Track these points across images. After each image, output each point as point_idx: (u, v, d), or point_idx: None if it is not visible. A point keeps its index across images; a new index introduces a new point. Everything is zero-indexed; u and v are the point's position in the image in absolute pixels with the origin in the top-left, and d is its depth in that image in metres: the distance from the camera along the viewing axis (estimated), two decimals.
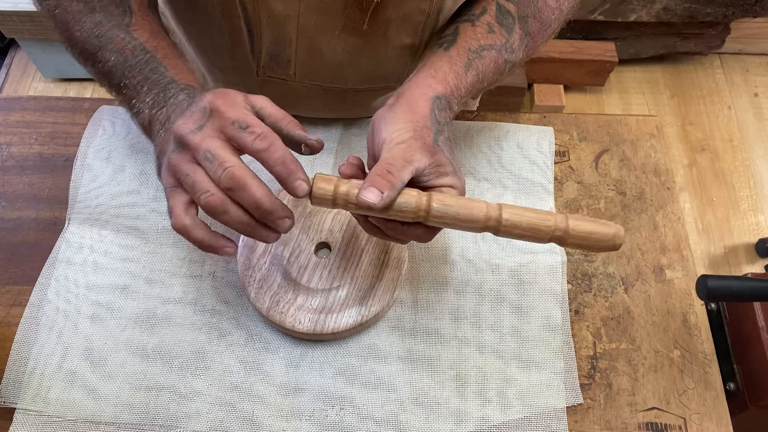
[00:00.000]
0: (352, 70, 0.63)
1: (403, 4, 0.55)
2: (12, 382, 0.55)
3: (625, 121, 0.72)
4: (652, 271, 0.63)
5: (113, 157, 0.67)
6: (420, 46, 0.61)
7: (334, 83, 0.65)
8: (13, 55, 1.96)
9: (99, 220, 0.63)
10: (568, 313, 0.59)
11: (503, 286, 0.60)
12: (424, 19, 0.57)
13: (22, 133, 0.70)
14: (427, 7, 0.56)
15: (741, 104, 1.89)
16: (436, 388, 0.55)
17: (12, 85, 1.91)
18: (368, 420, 0.54)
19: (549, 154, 0.68)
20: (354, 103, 0.70)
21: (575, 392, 0.55)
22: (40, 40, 1.75)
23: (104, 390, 0.55)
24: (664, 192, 0.67)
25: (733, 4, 1.66)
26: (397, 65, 0.64)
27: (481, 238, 0.63)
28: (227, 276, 0.60)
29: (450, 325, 0.58)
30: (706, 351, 0.58)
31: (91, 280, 0.60)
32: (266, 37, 0.58)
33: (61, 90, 1.89)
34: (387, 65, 0.63)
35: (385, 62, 0.63)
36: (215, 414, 0.54)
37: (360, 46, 0.60)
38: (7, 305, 0.60)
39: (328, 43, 0.59)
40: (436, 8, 0.56)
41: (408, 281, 0.60)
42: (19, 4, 1.62)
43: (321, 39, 0.59)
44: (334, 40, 0.59)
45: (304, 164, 0.67)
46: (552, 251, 0.62)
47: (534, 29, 0.58)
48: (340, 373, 0.56)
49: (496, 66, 0.56)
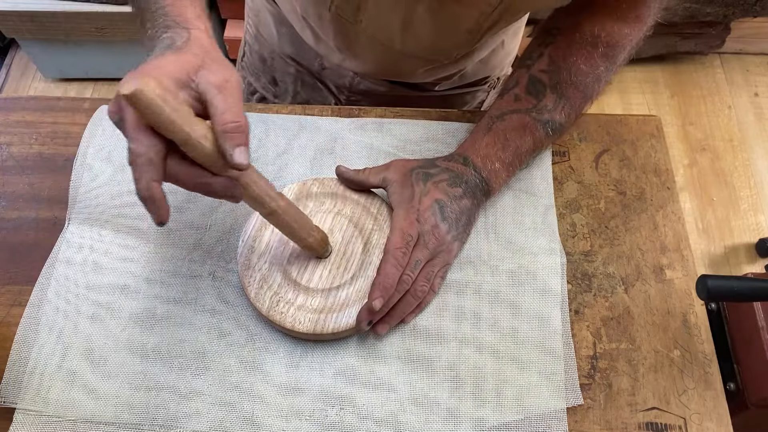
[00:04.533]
0: (413, 38, 0.67)
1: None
2: (12, 382, 0.55)
3: (625, 121, 0.72)
4: (652, 271, 0.63)
5: (113, 156, 0.67)
6: (479, 32, 0.66)
7: (391, 42, 0.69)
8: (13, 55, 1.96)
9: (99, 220, 0.63)
10: (568, 313, 0.59)
11: (503, 286, 0.60)
12: (490, 10, 0.61)
13: (22, 133, 0.70)
14: (495, 2, 0.60)
15: (741, 104, 1.89)
16: (435, 389, 0.55)
17: (12, 85, 1.91)
18: (368, 420, 0.54)
19: (549, 154, 0.68)
20: (402, 68, 0.75)
21: (575, 393, 0.55)
22: (40, 40, 1.75)
23: (104, 390, 0.55)
24: (664, 192, 0.67)
25: (733, 4, 1.66)
26: (454, 44, 0.69)
27: (481, 238, 0.63)
28: (227, 276, 0.60)
29: (450, 326, 0.58)
30: (706, 351, 0.58)
31: (91, 280, 0.60)
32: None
33: (61, 90, 1.90)
34: (445, 42, 0.68)
35: (445, 39, 0.67)
36: (215, 414, 0.54)
37: (426, 18, 0.63)
38: (7, 305, 0.60)
39: (398, 4, 0.63)
40: (504, 6, 0.61)
41: None
42: (19, 4, 1.62)
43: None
44: (404, 3, 0.62)
45: (306, 164, 0.67)
46: (552, 252, 0.62)
47: (570, 94, 0.62)
48: (340, 373, 0.56)
49: (523, 126, 0.61)
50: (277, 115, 0.70)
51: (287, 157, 0.68)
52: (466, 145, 0.62)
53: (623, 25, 0.62)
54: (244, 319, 0.58)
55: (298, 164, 0.67)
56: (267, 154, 0.68)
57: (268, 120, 0.70)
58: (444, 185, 0.59)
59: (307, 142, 0.68)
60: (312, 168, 0.67)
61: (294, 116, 0.71)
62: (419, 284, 0.56)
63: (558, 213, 0.65)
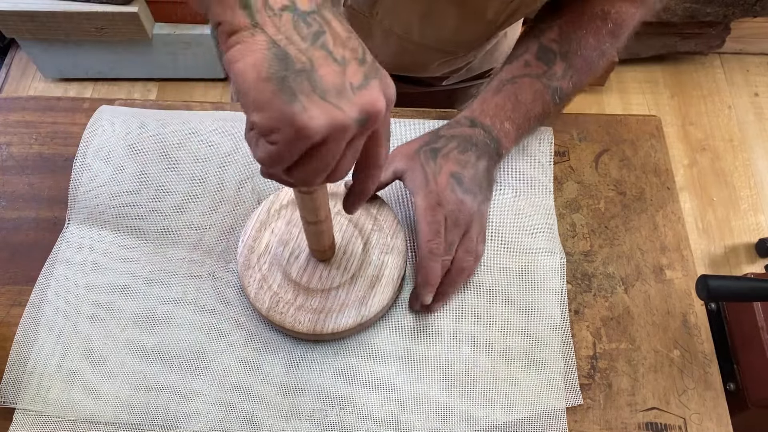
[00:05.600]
0: (433, 29, 0.67)
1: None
2: (12, 382, 0.55)
3: (625, 121, 0.72)
4: (652, 271, 0.63)
5: (113, 157, 0.67)
6: (498, 23, 0.66)
7: (408, 34, 0.68)
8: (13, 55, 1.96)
9: (99, 220, 0.63)
10: (568, 313, 0.59)
11: (502, 286, 0.60)
12: (509, 1, 0.62)
13: (22, 133, 0.70)
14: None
15: (741, 104, 1.89)
16: (435, 388, 0.55)
17: (12, 85, 1.91)
18: (368, 420, 0.54)
19: (548, 153, 0.68)
20: (417, 61, 0.75)
21: (575, 393, 0.55)
22: (40, 40, 1.75)
23: (104, 390, 0.55)
24: (664, 192, 0.67)
25: (733, 4, 1.66)
26: (475, 35, 0.69)
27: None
28: (227, 276, 0.60)
29: (449, 325, 0.58)
30: (706, 351, 0.58)
31: (91, 280, 0.60)
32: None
33: (61, 90, 1.90)
34: (467, 33, 0.68)
35: (467, 30, 0.67)
36: (215, 414, 0.54)
37: (448, 8, 0.63)
38: (7, 305, 0.60)
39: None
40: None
41: (408, 282, 0.60)
42: (19, 4, 1.62)
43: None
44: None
45: None
46: (551, 252, 0.62)
47: (578, 64, 0.62)
48: (340, 373, 0.56)
49: (535, 92, 0.61)
50: None
51: None
52: (474, 107, 0.61)
53: (630, 5, 0.63)
54: (243, 319, 0.58)
55: None
56: None
57: None
58: (455, 154, 0.57)
59: None
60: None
61: None
62: (463, 260, 0.56)
63: (558, 213, 0.65)
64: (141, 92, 1.89)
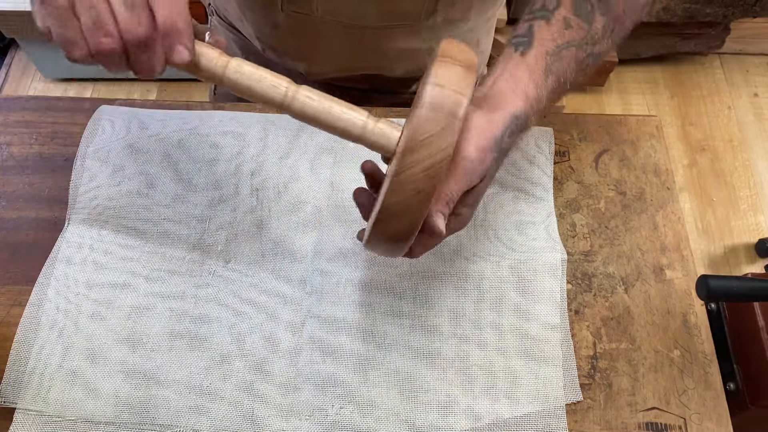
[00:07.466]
0: (372, 6, 0.65)
1: None
2: (12, 381, 0.55)
3: (625, 121, 0.72)
4: (652, 271, 0.63)
5: (112, 157, 0.67)
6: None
7: (353, 20, 0.67)
8: (13, 55, 1.96)
9: (98, 219, 0.63)
10: (567, 312, 0.59)
11: (502, 285, 0.60)
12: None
13: (22, 133, 0.70)
14: None
15: (741, 104, 1.89)
16: (435, 386, 0.55)
17: (12, 85, 1.91)
18: (368, 418, 0.54)
19: (549, 154, 0.68)
20: (372, 48, 0.71)
21: (575, 391, 0.55)
22: (40, 40, 1.75)
23: (104, 389, 0.55)
24: (664, 192, 0.67)
25: (733, 4, 1.66)
26: (414, 2, 0.65)
27: (481, 237, 0.63)
28: (227, 275, 0.60)
29: (449, 322, 0.58)
30: (706, 351, 0.58)
31: (91, 279, 0.60)
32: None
33: (61, 90, 1.89)
34: (405, 2, 0.65)
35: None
36: (215, 413, 0.54)
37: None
38: (7, 305, 0.60)
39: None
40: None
41: (407, 277, 0.60)
42: (19, 4, 1.61)
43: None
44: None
45: (306, 164, 0.67)
46: (552, 249, 0.62)
47: (619, 10, 0.53)
48: (340, 372, 0.56)
49: (577, 64, 0.52)
50: (276, 116, 0.70)
51: (288, 157, 0.68)
52: (531, 98, 0.50)
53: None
54: (243, 318, 0.58)
55: (299, 164, 0.67)
56: (269, 155, 0.68)
57: (268, 120, 0.70)
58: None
59: (307, 142, 0.68)
60: (312, 167, 0.67)
61: None
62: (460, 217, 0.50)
63: (558, 213, 0.65)
64: (141, 92, 1.89)
